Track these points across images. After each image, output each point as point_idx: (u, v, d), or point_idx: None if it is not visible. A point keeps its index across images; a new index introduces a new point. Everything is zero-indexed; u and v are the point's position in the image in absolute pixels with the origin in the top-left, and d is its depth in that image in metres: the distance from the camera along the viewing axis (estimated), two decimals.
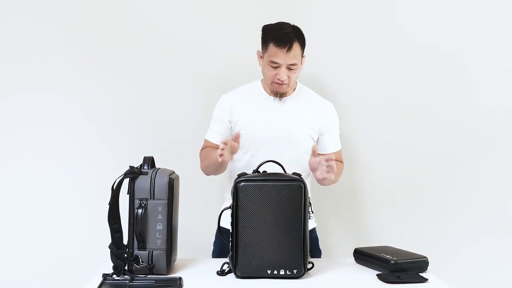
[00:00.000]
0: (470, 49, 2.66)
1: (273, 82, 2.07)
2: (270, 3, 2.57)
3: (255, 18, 2.09)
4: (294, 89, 2.18)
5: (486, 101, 2.67)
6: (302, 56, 2.08)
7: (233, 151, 1.95)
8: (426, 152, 2.67)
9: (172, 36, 2.61)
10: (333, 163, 1.90)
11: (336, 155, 2.14)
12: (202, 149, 2.19)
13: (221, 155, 1.87)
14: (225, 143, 1.89)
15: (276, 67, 2.03)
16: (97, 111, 2.63)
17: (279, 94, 2.12)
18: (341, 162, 2.21)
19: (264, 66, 2.08)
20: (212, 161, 2.02)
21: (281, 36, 2.01)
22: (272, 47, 2.02)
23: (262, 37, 2.09)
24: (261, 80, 2.19)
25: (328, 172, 1.92)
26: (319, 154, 2.04)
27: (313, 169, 2.00)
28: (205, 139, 2.20)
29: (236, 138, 1.95)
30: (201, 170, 2.17)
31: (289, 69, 2.03)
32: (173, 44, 2.61)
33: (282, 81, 2.04)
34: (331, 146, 2.19)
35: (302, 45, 2.06)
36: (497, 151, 2.68)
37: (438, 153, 2.67)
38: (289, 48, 1.99)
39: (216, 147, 2.04)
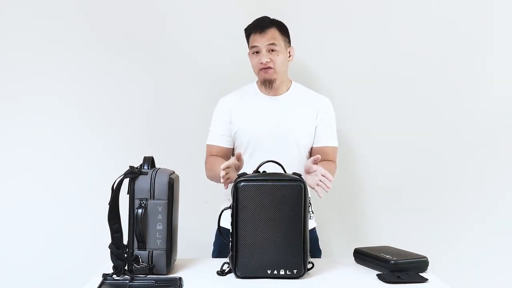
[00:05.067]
0: (474, 47, 2.66)
1: (260, 70, 2.11)
2: (270, 6, 2.57)
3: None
4: (289, 88, 2.19)
5: (488, 101, 2.67)
6: (289, 47, 2.15)
7: (238, 170, 1.92)
8: (427, 152, 2.67)
9: (173, 36, 2.62)
10: (327, 182, 1.81)
11: (330, 152, 2.14)
12: (208, 156, 2.17)
13: (227, 178, 1.85)
14: (228, 167, 1.85)
15: (257, 52, 2.10)
16: (97, 111, 2.63)
17: (268, 83, 2.13)
18: (333, 161, 2.16)
19: (250, 58, 2.15)
20: (218, 175, 1.97)
21: (256, 23, 2.15)
22: (251, 37, 2.13)
23: (245, 36, 2.18)
24: (256, 81, 2.21)
25: (317, 185, 1.84)
26: (316, 153, 2.06)
27: (306, 172, 1.92)
28: (208, 144, 2.19)
29: (238, 157, 1.91)
30: (206, 176, 2.16)
31: (270, 51, 2.09)
32: (173, 44, 2.62)
33: (265, 63, 2.07)
34: (325, 139, 2.16)
35: (282, 32, 2.13)
36: (498, 151, 2.68)
37: (439, 152, 2.67)
38: (263, 30, 2.09)
39: (222, 155, 2.13)
